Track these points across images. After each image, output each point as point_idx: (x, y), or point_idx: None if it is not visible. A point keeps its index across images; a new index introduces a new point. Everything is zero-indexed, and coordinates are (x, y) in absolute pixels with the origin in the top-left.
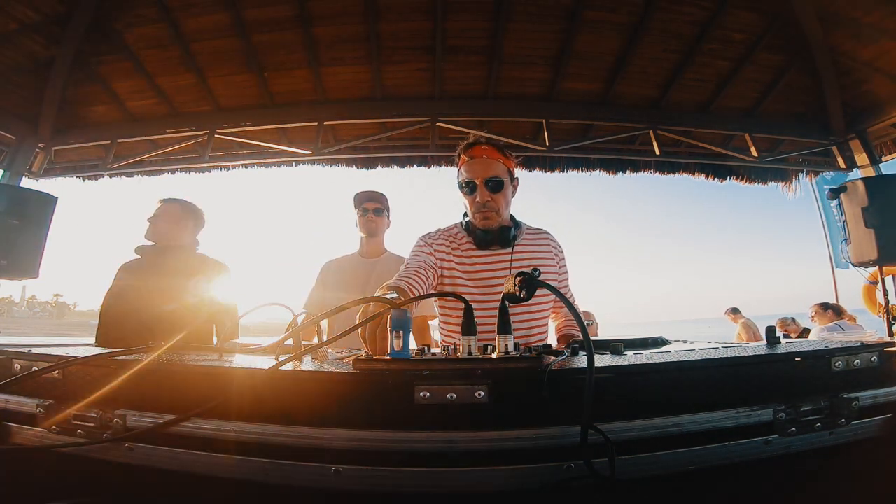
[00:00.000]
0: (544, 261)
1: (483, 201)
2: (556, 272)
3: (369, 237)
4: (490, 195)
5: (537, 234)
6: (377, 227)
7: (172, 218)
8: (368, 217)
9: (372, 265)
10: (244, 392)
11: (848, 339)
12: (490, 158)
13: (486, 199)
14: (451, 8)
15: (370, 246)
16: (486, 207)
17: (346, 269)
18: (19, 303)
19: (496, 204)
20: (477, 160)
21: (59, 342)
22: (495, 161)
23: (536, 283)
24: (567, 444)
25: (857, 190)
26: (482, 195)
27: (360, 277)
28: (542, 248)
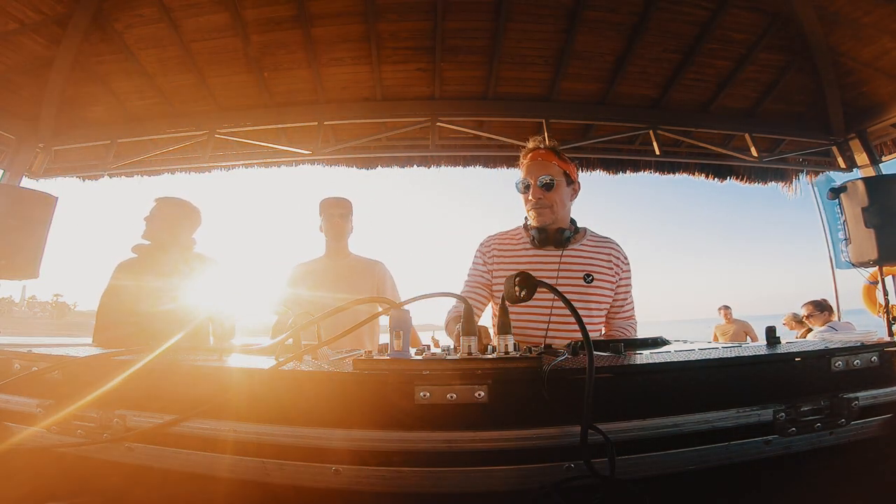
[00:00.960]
0: (600, 268)
1: (536, 198)
2: (614, 282)
3: (336, 241)
4: (542, 193)
5: (602, 241)
6: (342, 230)
7: (168, 217)
8: (334, 222)
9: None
10: (244, 392)
11: (848, 339)
12: (545, 161)
13: (538, 196)
14: (450, 8)
15: (338, 248)
16: (539, 204)
17: (315, 270)
18: (19, 303)
19: (548, 201)
20: (533, 162)
21: (59, 342)
22: (549, 163)
23: (536, 284)
24: (567, 444)
25: (857, 190)
26: (535, 193)
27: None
28: (601, 255)
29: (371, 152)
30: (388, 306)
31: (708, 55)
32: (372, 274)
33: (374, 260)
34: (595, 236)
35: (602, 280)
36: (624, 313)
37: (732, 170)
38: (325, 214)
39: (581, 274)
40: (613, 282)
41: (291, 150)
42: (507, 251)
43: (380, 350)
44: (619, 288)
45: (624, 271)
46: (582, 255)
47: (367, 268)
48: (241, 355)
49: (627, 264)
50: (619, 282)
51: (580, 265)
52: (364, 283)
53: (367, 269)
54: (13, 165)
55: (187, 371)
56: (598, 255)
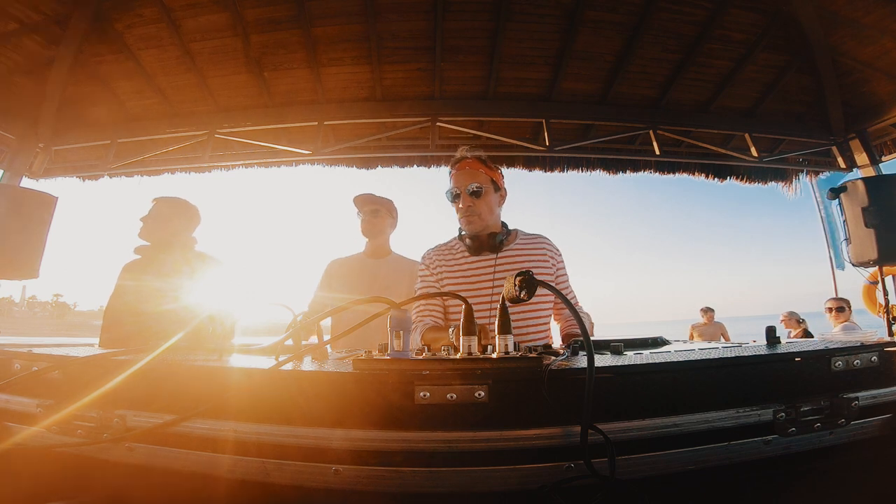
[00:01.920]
0: (537, 264)
1: (465, 206)
2: (552, 274)
3: (371, 239)
4: (472, 201)
5: (533, 239)
6: (374, 228)
7: (164, 216)
8: (365, 219)
9: (377, 265)
10: (244, 392)
11: (848, 339)
12: (472, 170)
13: (468, 204)
14: (450, 8)
15: (374, 247)
16: (468, 212)
17: (351, 269)
18: (19, 303)
19: (477, 208)
20: (460, 172)
21: (59, 342)
22: (477, 171)
23: (536, 284)
24: (567, 444)
25: (857, 190)
26: (464, 201)
27: (366, 278)
28: (535, 252)
29: (371, 152)
30: (388, 306)
31: (708, 55)
32: (412, 274)
33: (413, 260)
34: (526, 235)
35: (541, 273)
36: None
37: (732, 170)
38: (358, 212)
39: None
40: (552, 274)
41: (291, 150)
42: (446, 262)
43: (380, 350)
44: (557, 279)
45: (559, 262)
46: (516, 256)
47: (406, 267)
48: (241, 355)
49: (560, 255)
50: (556, 273)
51: (515, 265)
52: (402, 283)
53: (407, 269)
54: (13, 165)
55: (187, 371)
56: (532, 252)
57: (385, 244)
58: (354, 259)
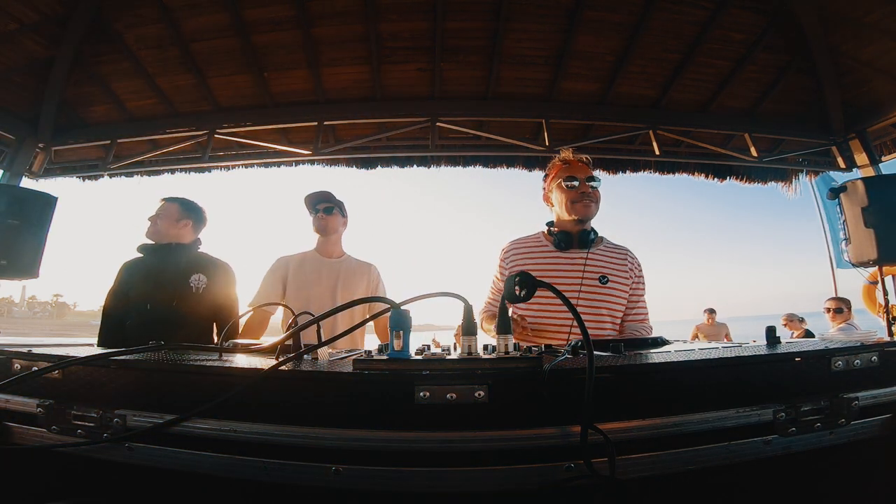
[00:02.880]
0: (617, 273)
1: (586, 192)
2: (628, 286)
3: (325, 236)
4: (591, 189)
5: (617, 248)
6: (327, 224)
7: (172, 217)
8: (319, 216)
9: (336, 266)
10: (244, 392)
11: (848, 339)
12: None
13: (587, 189)
14: (450, 8)
15: (327, 245)
16: (587, 197)
17: (308, 266)
18: (19, 303)
19: (596, 195)
20: (576, 165)
21: (59, 342)
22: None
23: (536, 284)
24: (567, 444)
25: (857, 190)
26: (583, 187)
27: (327, 278)
28: (618, 260)
29: (371, 152)
30: (389, 306)
31: (708, 55)
32: (368, 276)
33: (368, 262)
34: (611, 244)
35: (617, 283)
36: (637, 316)
37: (732, 170)
38: (312, 209)
39: (597, 275)
40: (628, 286)
41: (291, 150)
42: (528, 254)
43: (380, 350)
44: (633, 294)
45: (638, 277)
46: (602, 258)
47: (362, 269)
48: (242, 355)
49: (640, 269)
50: (633, 287)
51: (602, 266)
52: (360, 284)
53: (363, 271)
54: (13, 165)
55: (187, 371)
56: (615, 260)
57: (339, 243)
58: (308, 256)
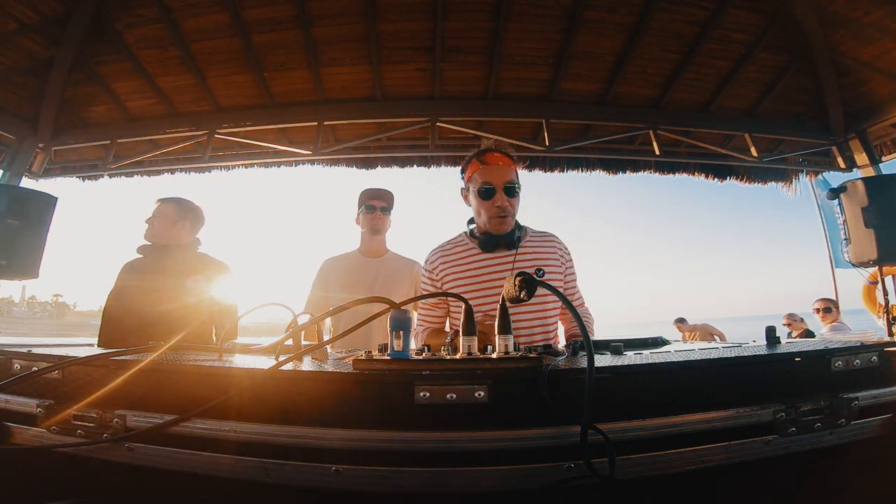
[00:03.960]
0: (549, 262)
1: (502, 205)
2: (562, 274)
3: (373, 235)
4: (508, 200)
5: (543, 236)
6: (383, 225)
7: (169, 218)
8: (376, 215)
9: (377, 265)
10: (244, 392)
11: (848, 338)
12: (505, 165)
13: (504, 203)
14: (450, 8)
15: (373, 245)
16: (504, 212)
17: (349, 268)
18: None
19: (513, 208)
20: (493, 166)
21: (59, 342)
22: (510, 167)
23: (536, 283)
24: (567, 444)
25: (857, 190)
26: (501, 199)
27: (366, 278)
28: (547, 250)
29: (371, 152)
30: (389, 306)
31: (708, 55)
32: (410, 275)
33: (411, 260)
34: (537, 233)
35: (552, 272)
36: (575, 302)
37: (732, 170)
38: (366, 206)
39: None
40: (562, 273)
41: (291, 150)
42: (455, 261)
43: (380, 350)
44: (567, 278)
45: (568, 261)
46: (531, 253)
47: (405, 268)
48: (242, 355)
49: (569, 254)
50: (566, 272)
51: (531, 262)
52: (402, 283)
53: (406, 270)
54: (13, 165)
55: (187, 371)
56: (545, 249)
57: (384, 242)
58: (351, 258)
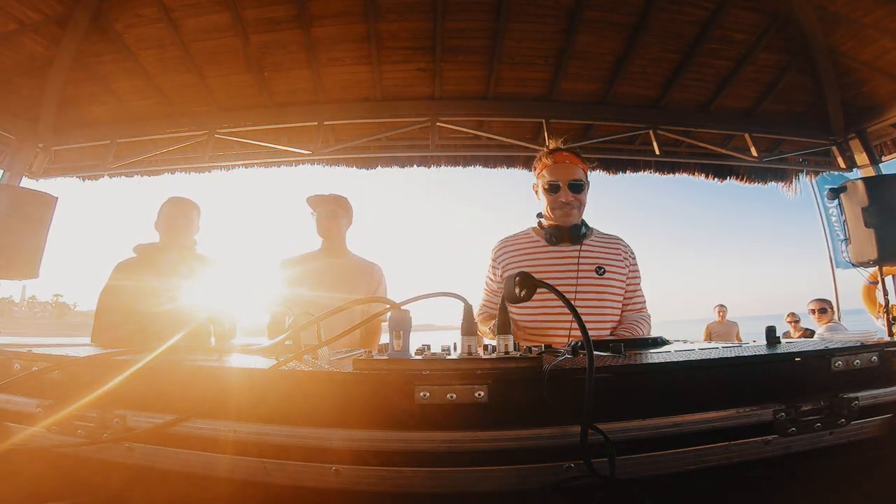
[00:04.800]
0: (612, 263)
1: (567, 200)
2: (625, 275)
3: (327, 240)
4: (573, 195)
5: (609, 238)
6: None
7: (172, 217)
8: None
9: (340, 265)
10: (244, 392)
11: (848, 339)
12: (571, 163)
13: (569, 198)
14: (450, 8)
15: (332, 246)
16: (569, 205)
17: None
18: (19, 303)
19: (579, 202)
20: (560, 164)
21: (59, 342)
22: (576, 166)
23: (536, 284)
24: (567, 444)
25: (857, 190)
26: (565, 195)
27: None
28: (611, 250)
29: (371, 152)
30: (389, 306)
31: (708, 55)
32: (370, 276)
33: (371, 262)
34: (602, 234)
35: (614, 272)
36: (635, 305)
37: (732, 170)
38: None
39: (594, 266)
40: (625, 275)
41: (291, 150)
42: (520, 251)
43: (380, 350)
44: (630, 282)
45: (632, 264)
46: (596, 250)
47: (365, 269)
48: (241, 355)
49: (634, 257)
50: (629, 273)
51: (596, 258)
52: (361, 284)
53: (366, 271)
54: (13, 165)
55: (187, 371)
56: (608, 249)
57: (343, 244)
58: (313, 258)
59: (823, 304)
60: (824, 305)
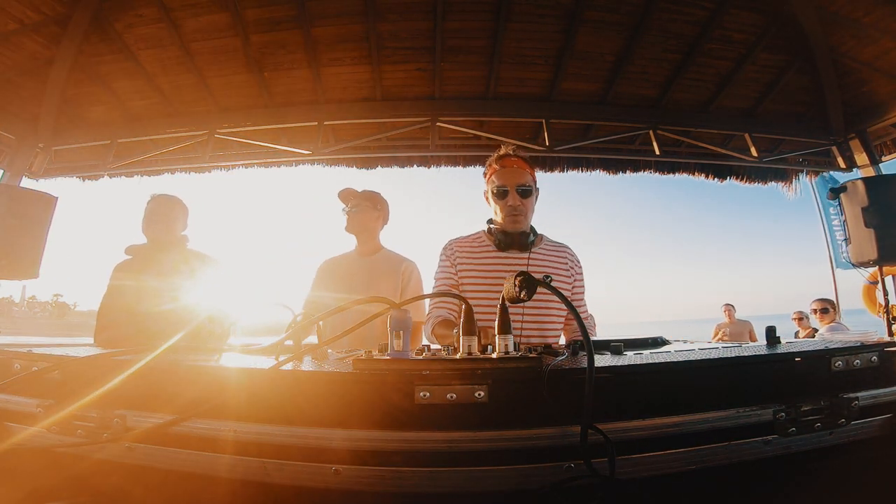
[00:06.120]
0: (558, 271)
1: (514, 205)
2: (570, 284)
3: (355, 235)
4: (520, 200)
5: (557, 246)
6: (355, 225)
7: (169, 216)
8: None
9: (370, 263)
10: (244, 392)
11: (848, 339)
12: (519, 168)
13: (517, 203)
14: (450, 8)
15: (361, 244)
16: (516, 211)
17: (343, 267)
18: (19, 303)
19: (525, 208)
20: (509, 169)
21: (59, 342)
22: (524, 170)
23: (536, 283)
24: (567, 444)
25: (857, 190)
26: (513, 199)
27: (358, 276)
28: (558, 259)
29: (371, 152)
30: (388, 307)
31: (708, 55)
32: (397, 273)
33: (403, 257)
34: (552, 242)
35: (560, 280)
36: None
37: (732, 170)
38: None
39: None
40: (570, 283)
41: (291, 150)
42: (471, 254)
43: (380, 350)
44: (574, 290)
45: (578, 274)
46: (543, 259)
47: (394, 266)
48: (241, 355)
49: (580, 267)
50: (573, 283)
51: (543, 267)
52: (387, 281)
53: (394, 268)
54: (13, 165)
55: (187, 371)
56: (556, 258)
57: (372, 240)
58: (346, 257)
59: (825, 305)
60: (826, 305)
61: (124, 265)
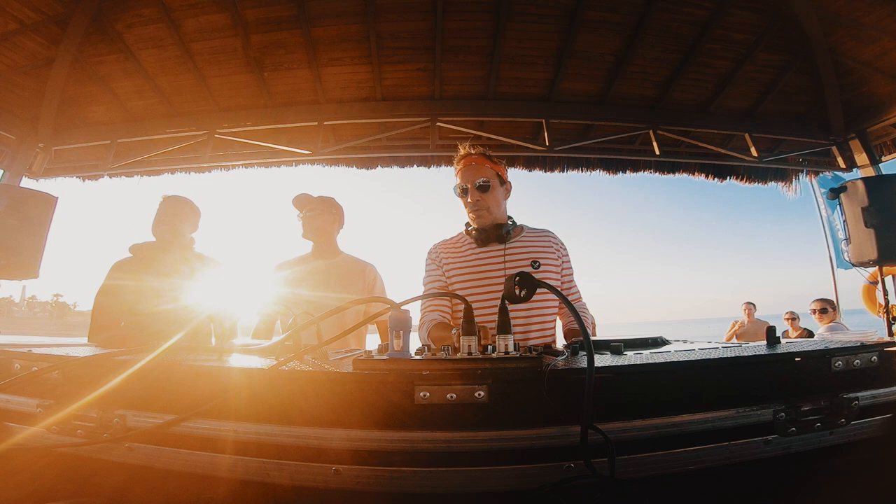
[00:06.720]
0: (544, 255)
1: (474, 201)
2: (558, 268)
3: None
4: (479, 195)
5: (540, 233)
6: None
7: (173, 215)
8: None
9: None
10: (244, 392)
11: (848, 339)
12: (478, 165)
13: (476, 198)
14: (450, 8)
15: (318, 248)
16: (477, 206)
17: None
18: (19, 303)
19: (486, 202)
20: (468, 167)
21: (59, 342)
22: (482, 166)
23: (535, 283)
24: (567, 444)
25: (857, 190)
26: (472, 196)
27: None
28: (544, 244)
29: (371, 152)
30: (389, 306)
31: (708, 55)
32: (363, 276)
33: (365, 261)
34: (532, 229)
35: (548, 265)
36: (572, 296)
37: (732, 170)
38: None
39: (527, 262)
40: (558, 267)
41: (291, 150)
42: (453, 254)
43: (380, 350)
44: (563, 272)
45: (564, 256)
46: (524, 247)
47: (358, 269)
48: (241, 355)
49: (565, 249)
50: (562, 266)
51: (524, 255)
52: (355, 284)
53: (359, 271)
54: (13, 165)
55: (187, 371)
56: (539, 243)
57: (329, 244)
58: (303, 259)
59: (825, 304)
60: (825, 305)
61: (122, 264)
